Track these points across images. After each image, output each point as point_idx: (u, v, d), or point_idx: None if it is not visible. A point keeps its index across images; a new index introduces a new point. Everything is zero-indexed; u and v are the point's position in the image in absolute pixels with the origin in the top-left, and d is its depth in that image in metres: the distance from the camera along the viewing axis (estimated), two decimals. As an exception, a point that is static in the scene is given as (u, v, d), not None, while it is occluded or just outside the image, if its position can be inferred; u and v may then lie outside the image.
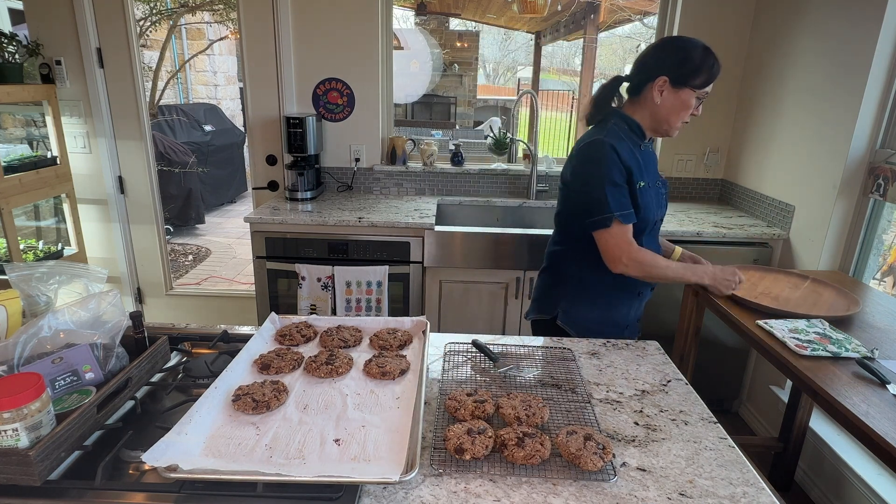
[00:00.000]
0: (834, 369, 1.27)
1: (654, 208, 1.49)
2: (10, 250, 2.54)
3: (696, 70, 1.36)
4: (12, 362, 0.94)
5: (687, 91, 1.39)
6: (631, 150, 1.43)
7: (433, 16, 6.75)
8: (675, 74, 1.37)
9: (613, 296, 1.54)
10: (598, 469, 0.84)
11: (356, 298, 2.35)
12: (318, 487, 0.78)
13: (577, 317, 1.54)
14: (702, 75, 1.37)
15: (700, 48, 1.38)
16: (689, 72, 1.37)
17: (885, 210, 1.99)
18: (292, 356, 1.11)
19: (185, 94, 8.67)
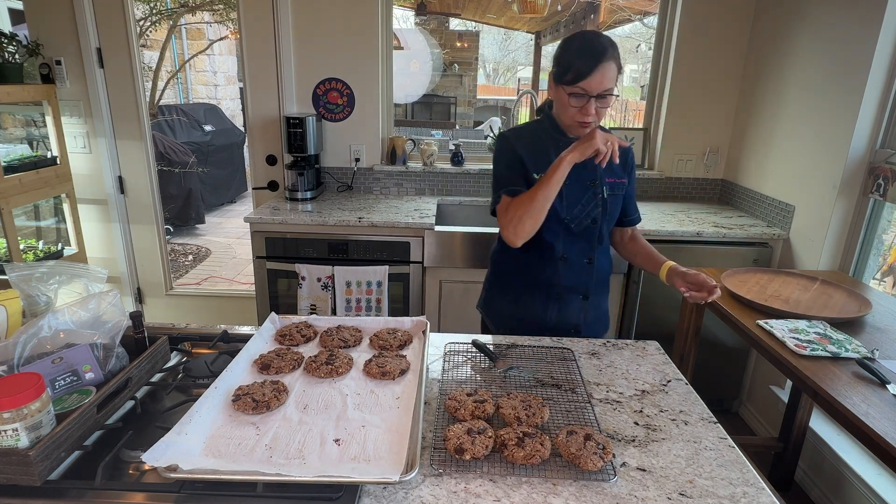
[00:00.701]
0: (834, 369, 1.27)
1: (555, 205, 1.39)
2: (10, 250, 2.54)
3: (564, 67, 1.29)
4: (12, 362, 0.94)
5: (561, 88, 1.31)
6: (541, 145, 1.41)
7: (433, 16, 6.75)
8: (553, 71, 1.34)
9: (525, 292, 1.51)
10: (598, 469, 0.84)
11: (356, 298, 2.35)
12: (318, 487, 0.78)
13: (494, 306, 1.58)
14: (569, 72, 1.28)
15: (573, 44, 1.30)
16: (560, 69, 1.31)
17: (885, 210, 1.99)
18: (292, 356, 1.11)
19: (185, 94, 8.67)
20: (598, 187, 1.43)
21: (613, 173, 1.45)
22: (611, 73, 1.27)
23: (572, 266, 1.47)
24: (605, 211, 1.45)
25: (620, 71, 1.31)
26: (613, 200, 1.46)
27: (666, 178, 2.91)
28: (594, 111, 1.29)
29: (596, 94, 1.28)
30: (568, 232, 1.44)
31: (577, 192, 1.42)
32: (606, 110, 1.33)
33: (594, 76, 1.26)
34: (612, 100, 1.31)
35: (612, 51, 1.27)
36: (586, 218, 1.44)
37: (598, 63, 1.25)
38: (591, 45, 1.28)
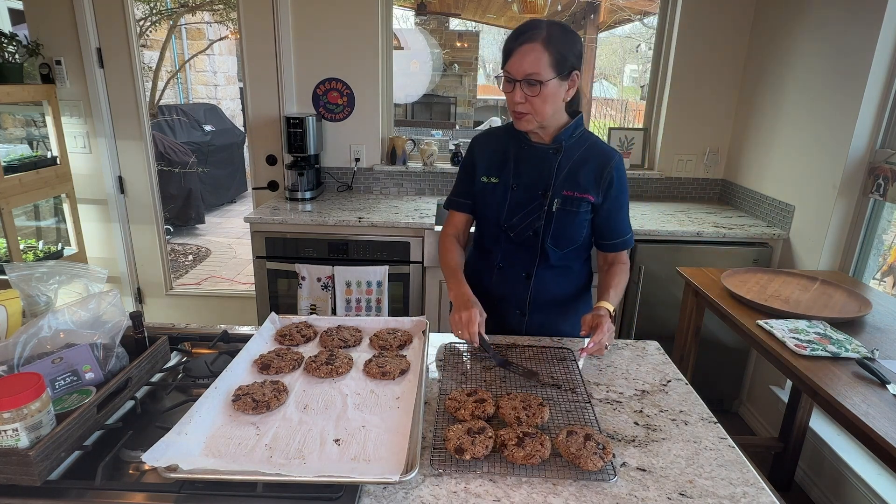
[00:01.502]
0: (834, 369, 1.27)
1: (496, 209, 1.36)
2: (10, 250, 2.54)
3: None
4: (12, 362, 0.94)
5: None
6: (502, 147, 1.37)
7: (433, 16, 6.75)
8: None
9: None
10: (598, 469, 0.84)
11: (356, 298, 2.35)
12: (318, 487, 0.78)
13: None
14: (502, 57, 1.23)
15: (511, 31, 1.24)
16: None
17: (885, 210, 1.99)
18: (292, 356, 1.11)
19: (185, 94, 8.67)
20: (546, 198, 1.32)
21: (576, 186, 1.31)
22: (534, 56, 1.17)
23: (507, 277, 1.40)
24: (549, 225, 1.32)
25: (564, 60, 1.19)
26: (564, 216, 1.32)
27: (666, 178, 2.91)
28: (521, 98, 1.21)
29: (521, 79, 1.19)
30: (508, 241, 1.37)
31: (522, 199, 1.33)
32: (541, 101, 1.21)
33: (514, 57, 1.19)
34: (543, 89, 1.19)
35: (544, 33, 1.17)
36: (527, 229, 1.34)
37: (518, 44, 1.18)
38: (521, 26, 1.21)
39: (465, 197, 1.44)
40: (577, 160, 1.32)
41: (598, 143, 1.35)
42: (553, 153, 1.32)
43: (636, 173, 2.90)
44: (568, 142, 1.32)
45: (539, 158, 1.33)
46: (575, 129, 1.33)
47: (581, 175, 1.31)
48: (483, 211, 1.40)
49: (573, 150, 1.32)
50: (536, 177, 1.33)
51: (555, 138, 1.32)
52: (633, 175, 2.90)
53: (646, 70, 4.75)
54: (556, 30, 1.19)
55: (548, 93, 1.20)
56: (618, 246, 1.39)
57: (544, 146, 1.33)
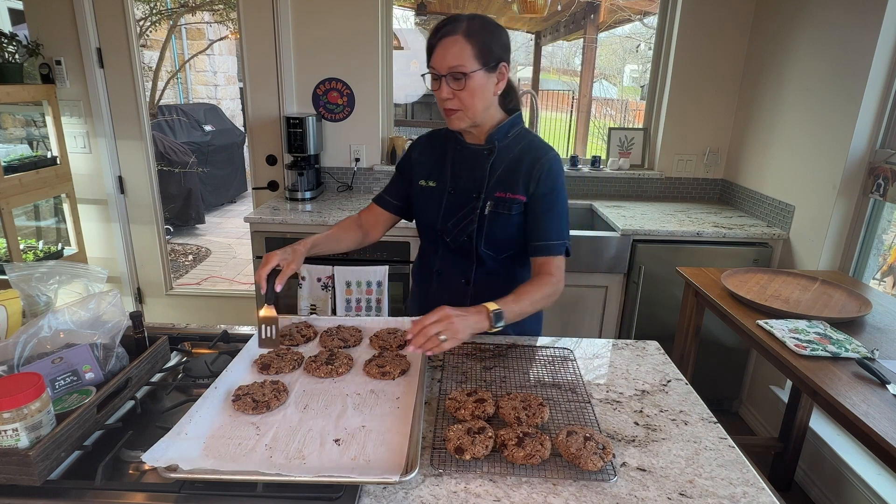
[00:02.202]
0: (834, 369, 1.27)
1: (433, 214, 1.32)
2: (10, 250, 2.54)
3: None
4: (12, 362, 0.94)
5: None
6: (440, 150, 1.34)
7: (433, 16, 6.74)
8: None
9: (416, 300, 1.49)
10: (598, 469, 0.84)
11: (356, 298, 2.35)
12: (318, 487, 0.78)
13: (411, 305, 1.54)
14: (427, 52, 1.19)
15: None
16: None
17: (885, 210, 1.99)
18: (292, 356, 1.11)
19: (185, 94, 8.67)
20: (479, 201, 1.27)
21: (508, 187, 1.25)
22: (456, 48, 1.12)
23: (447, 283, 1.36)
24: (482, 229, 1.27)
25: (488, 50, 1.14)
26: (496, 219, 1.26)
27: (666, 178, 2.91)
28: (447, 94, 1.16)
29: (446, 73, 1.14)
30: (445, 246, 1.34)
31: (457, 203, 1.29)
32: (469, 95, 1.16)
33: (437, 52, 1.14)
34: (468, 82, 1.14)
35: (465, 25, 1.13)
36: (461, 234, 1.29)
37: (439, 38, 1.14)
38: (442, 21, 1.16)
39: (392, 196, 1.42)
40: (512, 160, 1.26)
41: (533, 141, 1.28)
42: (486, 154, 1.27)
43: (636, 173, 2.90)
44: (502, 141, 1.27)
45: (473, 160, 1.28)
46: (510, 127, 1.27)
47: (514, 176, 1.25)
48: (421, 216, 1.36)
49: (508, 150, 1.27)
50: (470, 179, 1.28)
51: (488, 138, 1.26)
52: (633, 175, 2.90)
53: (646, 70, 4.75)
54: (476, 21, 1.15)
55: (474, 86, 1.15)
56: (538, 250, 1.25)
57: (478, 147, 1.28)
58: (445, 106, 1.19)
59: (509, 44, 1.21)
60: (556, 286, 1.22)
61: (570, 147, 8.52)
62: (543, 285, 1.20)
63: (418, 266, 1.47)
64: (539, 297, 1.18)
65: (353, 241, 1.41)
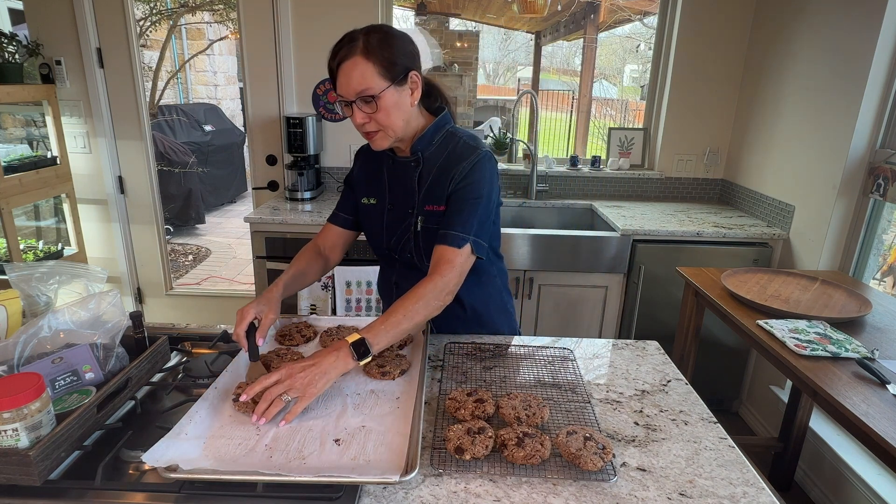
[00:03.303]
0: (834, 369, 1.27)
1: (377, 232, 1.28)
2: (10, 250, 2.54)
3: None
4: (12, 362, 0.94)
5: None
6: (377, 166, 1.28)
7: (433, 16, 6.74)
8: None
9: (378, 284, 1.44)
10: (598, 469, 0.84)
11: (356, 298, 2.35)
12: (318, 487, 0.78)
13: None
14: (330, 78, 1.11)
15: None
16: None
17: (885, 210, 1.99)
18: (292, 356, 1.11)
19: (185, 94, 8.67)
20: (413, 217, 1.22)
21: (436, 199, 1.18)
22: (358, 71, 1.04)
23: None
24: (419, 246, 1.23)
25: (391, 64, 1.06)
26: (429, 234, 1.19)
27: (666, 178, 2.91)
28: (362, 118, 1.09)
29: (355, 98, 1.07)
30: (396, 262, 1.32)
31: (396, 220, 1.25)
32: (385, 117, 1.09)
33: (339, 79, 1.07)
34: (381, 103, 1.07)
35: (361, 44, 1.05)
36: (404, 250, 1.26)
37: (338, 63, 1.06)
38: (336, 43, 1.07)
39: (346, 211, 1.35)
40: (438, 170, 1.18)
41: (459, 145, 1.18)
42: (413, 166, 1.20)
43: (636, 173, 2.90)
44: (427, 150, 1.19)
45: (403, 173, 1.22)
46: (434, 134, 1.19)
47: (440, 185, 1.17)
48: (368, 234, 1.33)
49: (434, 158, 1.19)
50: (403, 194, 1.23)
51: (412, 149, 1.19)
52: (633, 175, 2.90)
53: (646, 70, 4.75)
54: (373, 37, 1.06)
55: (388, 105, 1.08)
56: (440, 237, 1.13)
57: (406, 159, 1.21)
58: (364, 130, 1.12)
59: (415, 48, 1.13)
60: (438, 282, 1.07)
61: (570, 147, 8.52)
62: (421, 286, 1.07)
63: (380, 279, 1.43)
64: (415, 305, 1.04)
65: (317, 271, 1.33)
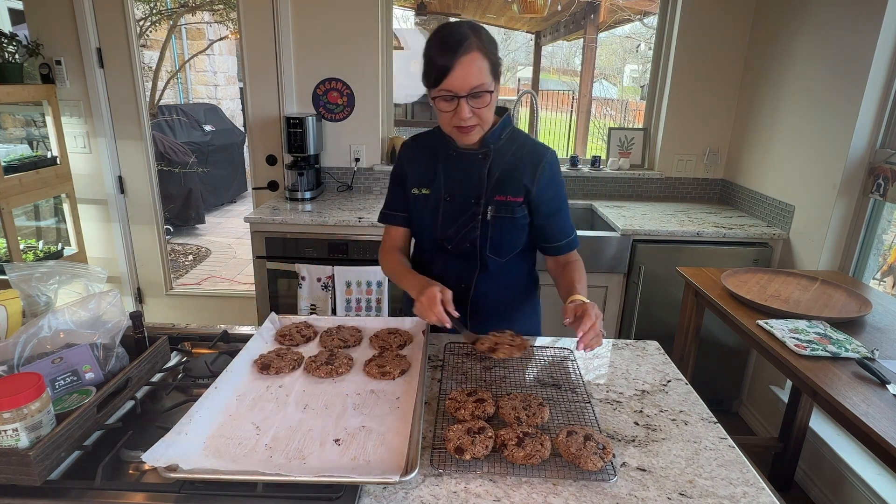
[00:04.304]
0: (834, 369, 1.27)
1: (430, 222, 1.29)
2: (10, 250, 2.54)
3: (426, 68, 1.12)
4: (12, 362, 0.94)
5: (431, 93, 1.14)
6: (431, 156, 1.29)
7: (433, 16, 6.74)
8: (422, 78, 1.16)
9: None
10: (598, 469, 0.84)
11: (356, 298, 2.35)
12: (318, 487, 0.78)
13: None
14: (430, 74, 1.10)
15: (432, 40, 1.11)
16: (423, 71, 1.13)
17: (885, 210, 1.99)
18: (292, 356, 1.11)
19: (185, 94, 8.67)
20: (479, 207, 1.24)
21: (508, 189, 1.23)
22: (477, 66, 1.07)
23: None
24: (486, 234, 1.25)
25: (497, 64, 1.11)
26: (500, 223, 1.25)
27: (666, 178, 2.91)
28: (469, 113, 1.10)
29: (466, 94, 1.08)
30: (446, 252, 1.31)
31: (456, 210, 1.26)
32: (487, 111, 1.13)
33: (455, 72, 1.06)
34: (490, 98, 1.11)
35: (476, 40, 1.07)
36: (463, 241, 1.27)
37: (457, 56, 1.05)
38: (449, 37, 1.07)
39: (400, 209, 1.35)
40: (509, 162, 1.24)
41: (528, 141, 1.27)
42: (482, 158, 1.24)
43: (636, 173, 2.90)
44: (496, 144, 1.23)
45: (468, 165, 1.25)
46: (503, 129, 1.24)
47: (513, 177, 1.23)
48: (418, 224, 1.33)
49: (503, 151, 1.24)
50: (467, 185, 1.25)
51: (482, 142, 1.22)
52: (633, 175, 2.90)
53: (646, 70, 4.75)
54: (482, 34, 1.10)
55: (491, 101, 1.13)
56: (563, 248, 1.31)
57: (472, 152, 1.24)
58: (465, 124, 1.13)
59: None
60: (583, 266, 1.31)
61: (570, 147, 8.52)
62: (582, 268, 1.29)
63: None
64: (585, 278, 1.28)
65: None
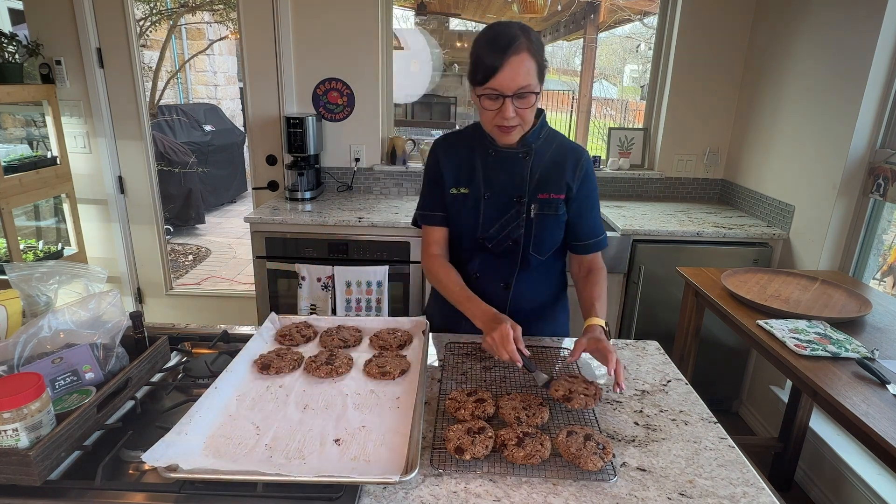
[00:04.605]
0: (834, 369, 1.27)
1: (470, 221, 1.28)
2: (10, 250, 2.54)
3: (473, 65, 1.13)
4: (12, 362, 0.94)
5: (476, 91, 1.15)
6: (469, 155, 1.29)
7: (433, 16, 6.74)
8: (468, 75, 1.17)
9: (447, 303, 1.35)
10: (598, 469, 0.84)
11: (356, 298, 2.35)
12: (318, 487, 0.78)
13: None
14: (478, 72, 1.11)
15: (481, 38, 1.13)
16: (470, 68, 1.14)
17: (885, 210, 1.99)
18: (292, 356, 1.11)
19: (185, 94, 8.67)
20: (523, 205, 1.25)
21: (550, 187, 1.25)
22: (525, 67, 1.08)
23: (484, 288, 1.31)
24: (530, 232, 1.26)
25: (543, 66, 1.12)
26: (544, 221, 1.26)
27: (666, 178, 2.91)
28: (513, 113, 1.11)
29: (511, 94, 1.09)
30: (485, 251, 1.30)
31: (497, 209, 1.27)
32: (531, 111, 1.15)
33: (503, 72, 1.07)
34: (534, 99, 1.12)
35: (525, 41, 1.08)
36: (506, 239, 1.27)
37: (507, 56, 1.07)
38: (499, 36, 1.09)
39: (438, 209, 1.33)
40: (549, 160, 1.26)
41: (565, 140, 1.29)
42: (523, 157, 1.25)
43: (636, 173, 2.90)
44: (536, 143, 1.25)
45: (509, 163, 1.26)
46: (541, 128, 1.26)
47: (555, 175, 1.25)
48: (456, 223, 1.31)
49: (542, 150, 1.26)
50: (509, 183, 1.26)
51: (523, 141, 1.23)
52: (633, 175, 2.90)
53: (646, 70, 4.75)
54: (532, 35, 1.11)
55: (535, 102, 1.14)
56: (591, 247, 1.31)
57: (513, 150, 1.25)
58: (508, 124, 1.14)
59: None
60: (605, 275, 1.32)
61: (570, 147, 8.49)
62: (604, 281, 1.30)
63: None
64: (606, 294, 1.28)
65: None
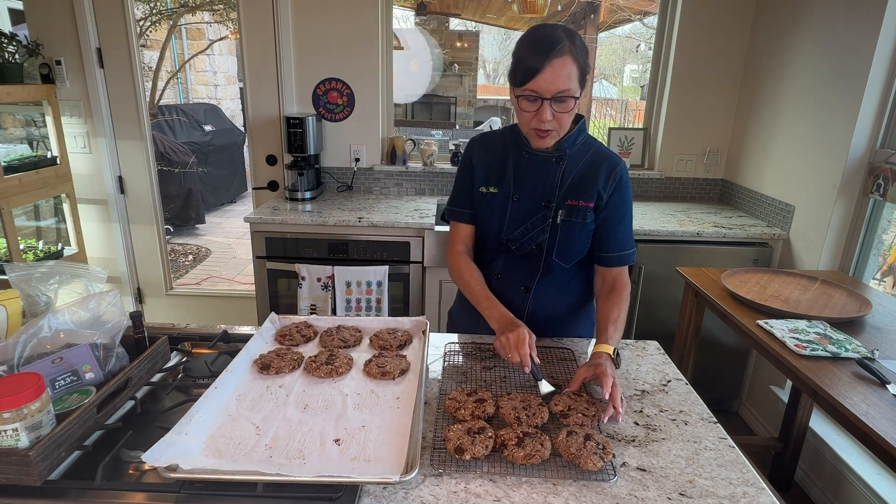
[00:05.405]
0: (834, 369, 1.27)
1: (496, 221, 1.28)
2: (10, 250, 2.54)
3: (514, 65, 1.12)
4: (12, 362, 0.94)
5: (514, 91, 1.14)
6: (501, 156, 1.28)
7: (433, 16, 6.75)
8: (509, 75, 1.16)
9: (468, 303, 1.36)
10: (598, 469, 0.84)
11: (356, 298, 2.35)
12: (318, 487, 0.78)
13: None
14: (518, 72, 1.10)
15: (524, 39, 1.11)
16: (511, 68, 1.13)
17: (885, 210, 1.99)
18: (292, 356, 1.11)
19: (185, 94, 8.67)
20: (550, 210, 1.24)
21: (580, 194, 1.23)
22: (566, 71, 1.07)
23: (504, 291, 1.31)
24: (554, 238, 1.25)
25: (585, 71, 1.11)
26: (570, 227, 1.24)
27: (666, 177, 2.91)
28: (550, 116, 1.10)
29: (551, 97, 1.08)
30: (508, 252, 1.29)
31: (524, 211, 1.25)
32: (568, 116, 1.13)
33: (544, 74, 1.06)
34: (573, 103, 1.11)
35: (569, 45, 1.07)
36: (529, 243, 1.26)
37: (548, 59, 1.06)
38: (542, 38, 1.08)
39: (467, 206, 1.34)
40: (582, 167, 1.24)
41: (602, 148, 1.27)
42: (556, 162, 1.24)
43: (636, 173, 2.90)
44: (571, 149, 1.24)
45: (541, 167, 1.24)
46: (578, 135, 1.24)
47: (586, 182, 1.23)
48: (482, 222, 1.31)
49: (577, 157, 1.24)
50: (539, 187, 1.24)
51: (558, 146, 1.22)
52: (633, 175, 2.90)
53: (646, 70, 4.75)
54: (577, 40, 1.10)
55: (573, 107, 1.13)
56: (615, 260, 1.27)
57: (546, 154, 1.24)
58: (544, 128, 1.13)
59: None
60: (629, 294, 1.25)
61: (570, 147, 8.49)
62: (626, 301, 1.23)
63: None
64: (625, 317, 1.21)
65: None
